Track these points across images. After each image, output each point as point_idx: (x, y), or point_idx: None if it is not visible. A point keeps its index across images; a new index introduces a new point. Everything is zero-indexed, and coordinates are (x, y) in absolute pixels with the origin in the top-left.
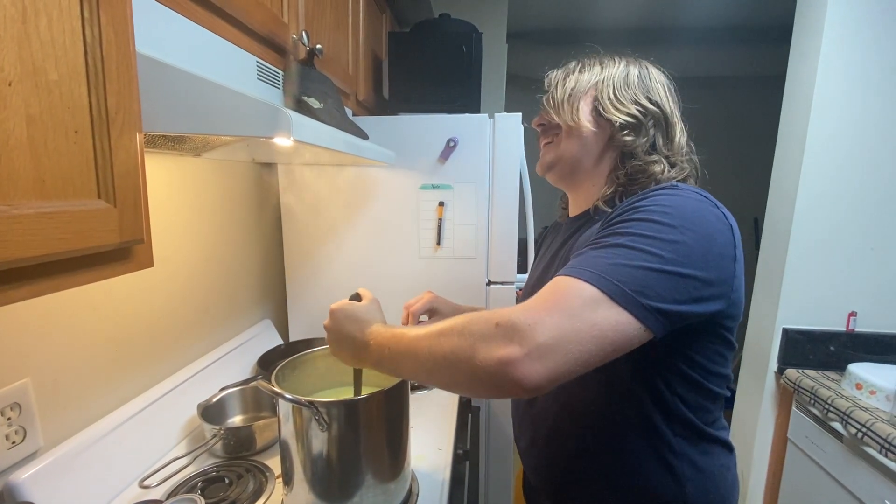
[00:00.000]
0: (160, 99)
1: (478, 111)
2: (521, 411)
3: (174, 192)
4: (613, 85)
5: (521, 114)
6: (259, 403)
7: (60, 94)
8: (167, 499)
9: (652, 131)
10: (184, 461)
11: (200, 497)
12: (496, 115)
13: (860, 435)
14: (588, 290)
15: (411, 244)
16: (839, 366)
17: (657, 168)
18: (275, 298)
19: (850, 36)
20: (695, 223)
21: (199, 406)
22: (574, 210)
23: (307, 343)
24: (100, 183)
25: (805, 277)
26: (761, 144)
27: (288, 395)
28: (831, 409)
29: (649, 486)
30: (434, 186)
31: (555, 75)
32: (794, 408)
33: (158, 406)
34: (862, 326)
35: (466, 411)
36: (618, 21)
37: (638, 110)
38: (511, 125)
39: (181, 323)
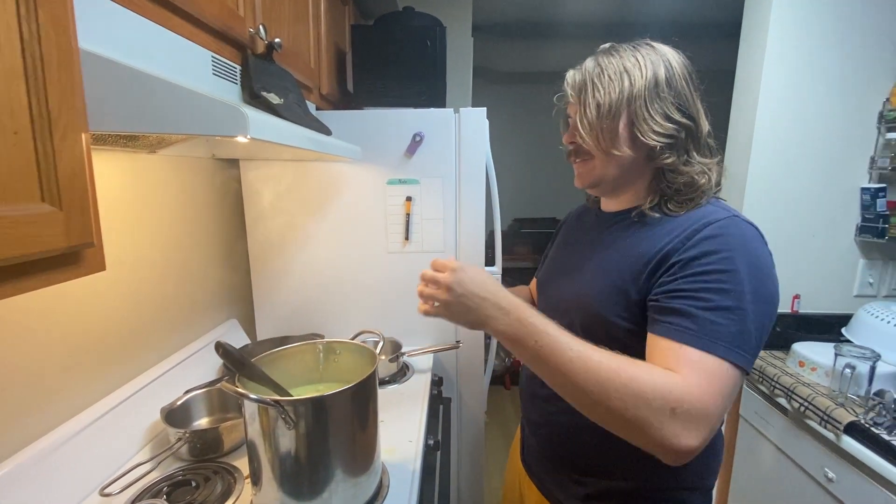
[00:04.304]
0: (108, 97)
1: (443, 105)
2: (529, 391)
3: (128, 191)
4: (646, 102)
5: (485, 109)
6: (226, 405)
7: None
8: None
9: (685, 142)
10: (147, 466)
11: (165, 502)
12: (461, 109)
13: (802, 409)
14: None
15: (379, 239)
16: (785, 345)
17: (703, 180)
18: (240, 297)
19: (794, 34)
20: (768, 269)
21: (162, 410)
22: (609, 205)
23: (275, 341)
24: (43, 186)
25: None
26: (717, 136)
27: (252, 396)
28: (777, 385)
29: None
30: (401, 181)
31: (576, 81)
32: (744, 386)
33: (119, 412)
34: (805, 308)
35: (437, 402)
36: (582, 16)
37: (673, 128)
38: (476, 120)
39: (140, 326)
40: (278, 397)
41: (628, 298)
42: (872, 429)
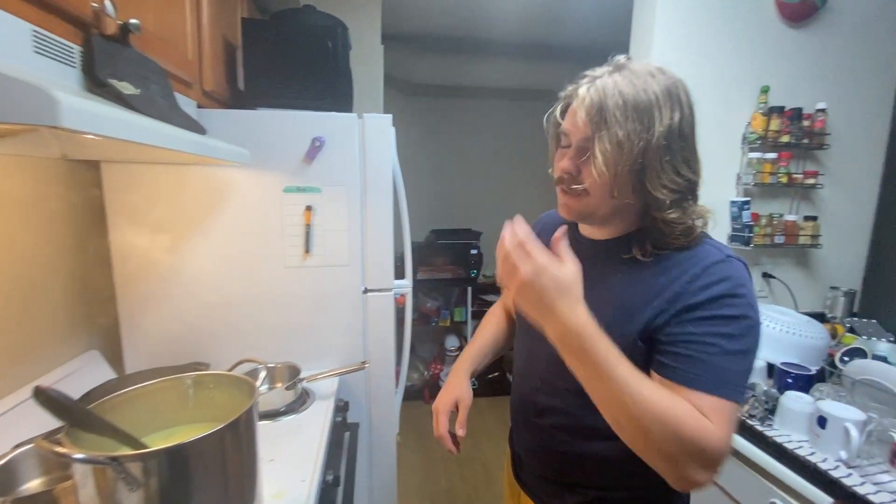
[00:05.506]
0: None
1: (349, 110)
2: (522, 415)
3: None
4: (661, 154)
5: (391, 115)
6: None
7: None
8: None
9: (687, 194)
10: None
11: None
12: (365, 115)
13: None
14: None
15: (276, 253)
16: None
17: (697, 228)
18: (103, 324)
19: (674, 63)
20: (755, 305)
21: None
22: (592, 232)
23: (147, 374)
24: None
25: None
26: None
27: (77, 455)
28: None
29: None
30: (300, 189)
31: (592, 103)
32: None
33: None
34: None
35: (342, 430)
36: (505, 34)
37: (683, 183)
38: (381, 126)
39: None
40: (118, 452)
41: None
42: (748, 421)
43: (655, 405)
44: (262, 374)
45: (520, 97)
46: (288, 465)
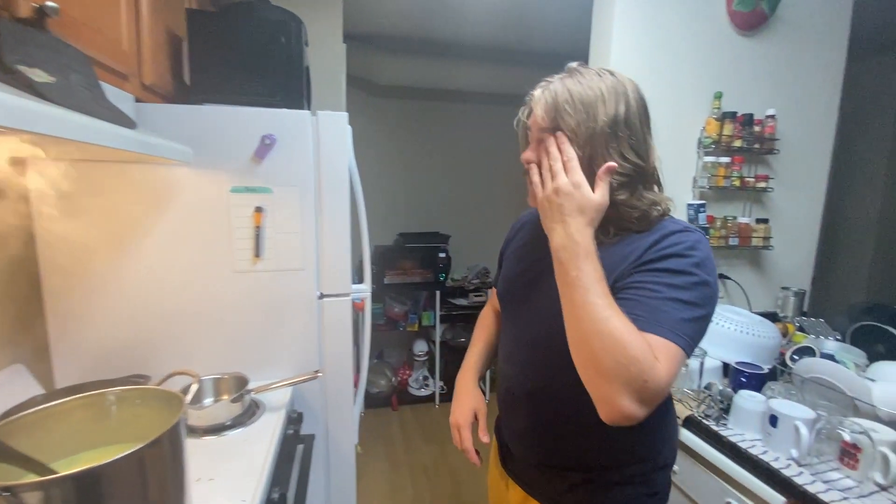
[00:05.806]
0: None
1: (306, 108)
2: (510, 403)
3: None
4: (606, 140)
5: (347, 113)
6: None
7: None
8: None
9: (636, 179)
10: None
11: None
12: (319, 112)
13: None
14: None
15: (223, 257)
16: None
17: (655, 213)
18: (30, 335)
19: (632, 72)
20: (709, 270)
21: None
22: None
23: (78, 389)
24: None
25: None
26: None
27: None
28: None
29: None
30: (249, 189)
31: (547, 102)
32: None
33: None
34: None
35: (294, 443)
36: (478, 36)
37: (629, 167)
38: (336, 124)
39: None
40: (16, 481)
41: None
42: (704, 421)
43: (615, 325)
44: (194, 388)
45: (488, 101)
46: (229, 483)
